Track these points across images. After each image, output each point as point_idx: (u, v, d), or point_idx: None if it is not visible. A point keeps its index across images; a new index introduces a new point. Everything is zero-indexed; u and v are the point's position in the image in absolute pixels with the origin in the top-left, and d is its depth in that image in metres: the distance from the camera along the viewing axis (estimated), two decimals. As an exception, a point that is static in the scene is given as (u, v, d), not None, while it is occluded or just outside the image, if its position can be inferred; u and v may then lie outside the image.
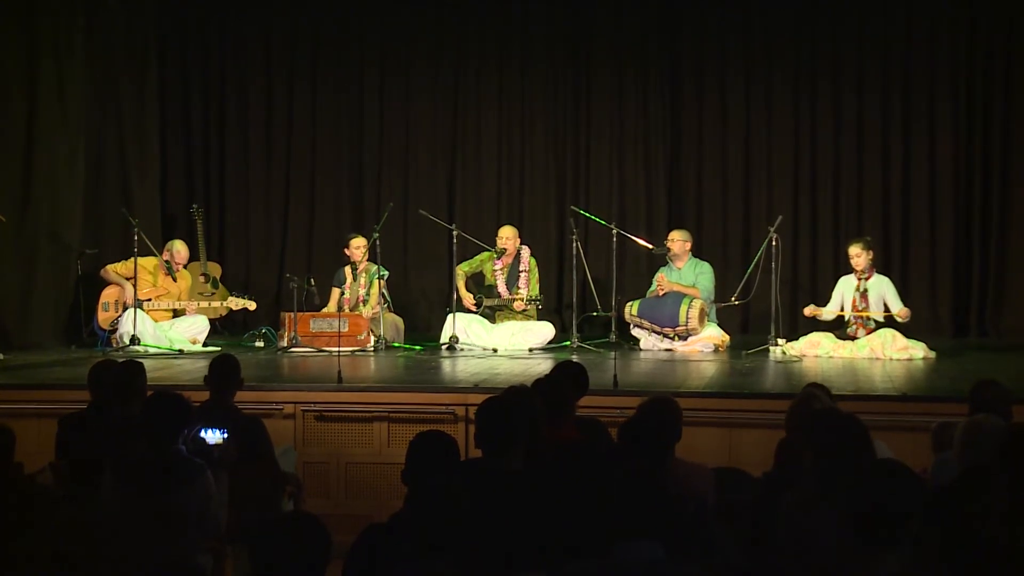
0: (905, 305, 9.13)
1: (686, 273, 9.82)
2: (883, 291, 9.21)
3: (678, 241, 9.90)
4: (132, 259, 9.66)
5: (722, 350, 9.48)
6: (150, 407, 4.78)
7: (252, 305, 9.90)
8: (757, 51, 11.49)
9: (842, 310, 9.27)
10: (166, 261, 9.91)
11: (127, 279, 9.66)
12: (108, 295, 9.70)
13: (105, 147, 10.87)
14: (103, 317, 9.66)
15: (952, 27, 11.18)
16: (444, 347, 9.55)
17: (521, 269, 10.06)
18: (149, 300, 9.61)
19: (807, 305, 9.56)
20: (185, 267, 10.21)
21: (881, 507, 3.22)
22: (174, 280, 9.92)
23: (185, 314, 9.84)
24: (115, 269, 9.77)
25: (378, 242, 9.76)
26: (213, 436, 5.07)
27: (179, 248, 10.00)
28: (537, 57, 11.78)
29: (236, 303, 9.90)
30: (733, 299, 9.92)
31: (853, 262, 9.25)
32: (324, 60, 11.94)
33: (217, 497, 4.71)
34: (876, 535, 3.21)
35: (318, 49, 11.93)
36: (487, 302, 9.98)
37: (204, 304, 10.04)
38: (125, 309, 9.51)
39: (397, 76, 11.88)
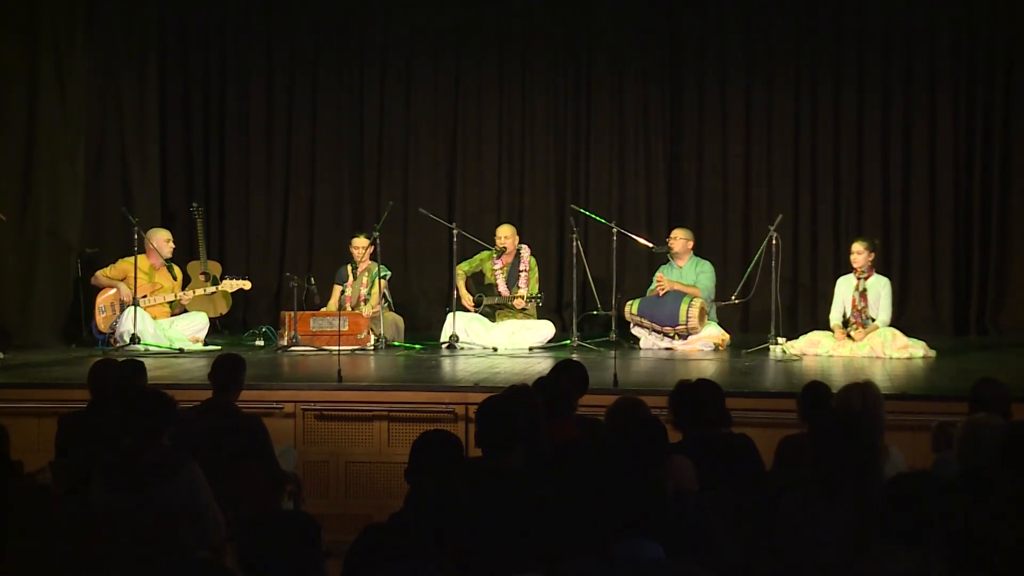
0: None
1: (687, 272, 9.81)
2: (880, 292, 9.17)
3: (680, 240, 9.89)
4: (120, 261, 9.67)
5: (722, 349, 9.47)
6: (133, 405, 4.80)
7: (247, 285, 9.93)
8: (758, 49, 11.48)
9: (844, 315, 9.24)
10: (167, 261, 9.89)
11: (120, 280, 9.64)
12: (104, 299, 9.63)
13: (105, 144, 10.86)
14: (100, 319, 9.62)
15: (953, 25, 11.16)
16: (444, 346, 9.54)
17: (521, 268, 10.04)
18: (145, 296, 9.56)
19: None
20: (185, 266, 10.16)
21: (908, 504, 3.25)
22: (172, 275, 9.90)
23: (184, 310, 9.83)
24: (105, 274, 9.72)
25: (378, 241, 9.76)
26: None
27: (161, 235, 9.81)
28: (538, 56, 11.77)
29: (232, 285, 9.91)
30: (733, 298, 9.90)
31: (852, 259, 9.22)
32: (325, 57, 11.92)
33: (208, 491, 4.70)
34: (900, 533, 3.23)
35: (319, 46, 11.91)
36: (487, 301, 9.98)
37: (200, 292, 10.02)
38: (123, 309, 9.49)
39: (397, 74, 11.86)
